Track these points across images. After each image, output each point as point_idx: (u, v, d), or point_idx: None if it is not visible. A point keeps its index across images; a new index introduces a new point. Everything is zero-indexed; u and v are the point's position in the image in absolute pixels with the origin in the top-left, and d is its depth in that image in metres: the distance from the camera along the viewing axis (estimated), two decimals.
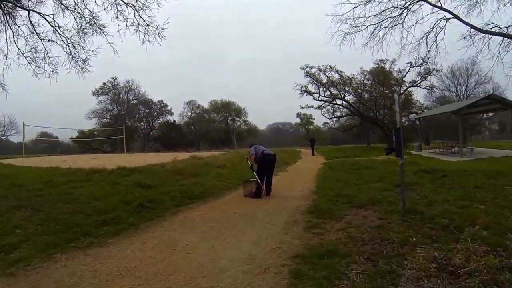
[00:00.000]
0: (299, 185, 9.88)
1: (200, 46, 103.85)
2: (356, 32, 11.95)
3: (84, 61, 9.06)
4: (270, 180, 8.37)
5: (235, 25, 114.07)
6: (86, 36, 8.82)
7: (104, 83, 49.14)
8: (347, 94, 33.14)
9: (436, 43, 10.58)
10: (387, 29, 11.56)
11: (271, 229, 5.10)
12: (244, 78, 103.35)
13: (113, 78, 49.75)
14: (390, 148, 6.01)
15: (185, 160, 14.40)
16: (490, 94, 17.02)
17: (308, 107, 35.30)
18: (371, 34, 11.39)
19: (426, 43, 10.89)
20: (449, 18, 11.53)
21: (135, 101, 52.77)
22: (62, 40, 8.84)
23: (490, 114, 37.14)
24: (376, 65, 30.98)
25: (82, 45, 8.90)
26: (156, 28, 8.51)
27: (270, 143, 42.70)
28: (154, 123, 54.80)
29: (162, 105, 54.90)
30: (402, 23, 11.49)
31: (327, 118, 36.44)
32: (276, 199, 7.77)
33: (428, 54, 10.51)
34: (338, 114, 35.53)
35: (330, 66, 32.30)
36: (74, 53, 8.99)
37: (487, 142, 36.65)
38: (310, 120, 56.10)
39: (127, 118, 51.40)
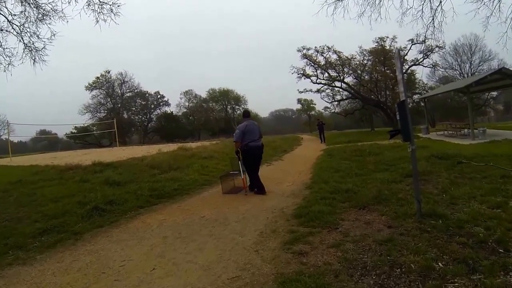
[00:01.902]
0: (292, 176, 8.47)
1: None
2: None
3: (38, 51, 7.63)
4: (254, 176, 6.68)
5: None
6: (42, 22, 7.42)
7: (97, 77, 47.78)
8: (347, 76, 31.17)
9: (441, 5, 8.77)
10: None
11: (239, 243, 3.73)
12: (241, 65, 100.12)
13: (106, 72, 48.25)
14: (395, 129, 4.48)
15: (170, 152, 13.04)
16: (501, 68, 15.12)
17: (307, 91, 33.05)
18: None
19: (430, 5, 9.01)
20: None
21: (130, 94, 50.88)
22: (14, 29, 7.44)
23: (495, 94, 35.02)
24: (376, 43, 29.15)
25: (37, 33, 7.50)
26: (111, 5, 7.14)
27: (274, 131, 41.06)
28: (151, 115, 52.90)
29: (158, 96, 52.87)
30: None
31: (327, 102, 34.47)
32: (260, 196, 6.38)
33: (433, 20, 8.69)
34: (338, 97, 33.83)
35: (327, 46, 30.33)
36: (29, 43, 7.59)
37: (493, 123, 34.59)
38: (311, 105, 54.42)
39: (123, 111, 50.02)
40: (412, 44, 27.91)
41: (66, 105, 70.31)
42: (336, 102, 34.90)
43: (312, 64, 30.67)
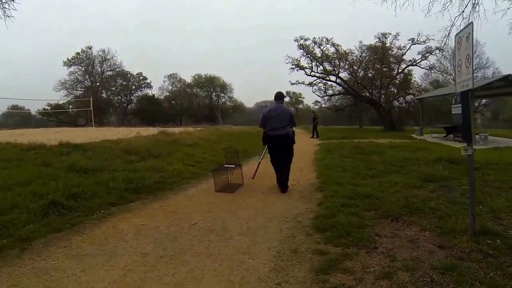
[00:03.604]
0: (294, 173, 7.40)
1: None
2: None
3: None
4: (281, 173, 5.71)
5: None
6: None
7: (78, 53, 44.22)
8: (342, 71, 30.02)
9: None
10: None
11: (251, 270, 2.69)
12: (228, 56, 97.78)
13: (87, 47, 44.67)
14: (451, 126, 3.54)
15: (150, 136, 11.63)
16: (507, 75, 14.60)
17: (299, 83, 31.69)
18: None
19: None
20: None
21: (110, 73, 47.44)
22: None
23: (485, 101, 35.22)
24: (377, 39, 28.22)
25: None
26: None
27: (257, 122, 39.72)
28: (131, 97, 49.71)
29: (141, 77, 49.56)
30: None
31: (318, 96, 33.06)
32: (261, 196, 5.29)
33: (465, 8, 7.71)
34: (330, 92, 32.48)
35: (326, 38, 29.07)
36: None
37: (481, 130, 34.96)
38: (300, 99, 53.63)
39: (102, 90, 46.88)
40: (412, 44, 27.20)
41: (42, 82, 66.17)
42: (327, 97, 33.95)
43: (308, 56, 29.42)
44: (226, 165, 6.04)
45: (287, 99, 56.47)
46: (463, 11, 7.26)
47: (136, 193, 5.17)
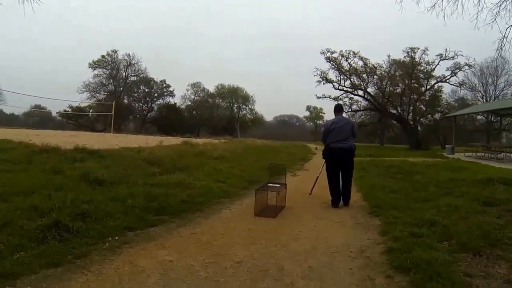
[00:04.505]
0: None
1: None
2: None
3: None
4: (345, 185, 5.58)
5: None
6: None
7: (103, 56, 45.10)
8: (370, 85, 29.13)
9: None
10: None
11: None
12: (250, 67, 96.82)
13: (113, 51, 45.22)
14: None
15: (174, 147, 10.70)
16: None
17: (325, 97, 30.59)
18: None
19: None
20: None
21: (134, 78, 47.70)
22: None
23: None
24: (406, 54, 27.32)
25: None
26: None
27: (276, 135, 39.04)
28: (153, 104, 49.66)
29: (164, 85, 49.36)
30: None
31: (343, 111, 32.23)
32: (310, 222, 4.47)
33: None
34: (355, 107, 31.35)
35: (353, 52, 28.25)
36: None
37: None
38: (321, 114, 52.81)
39: (124, 96, 46.98)
40: (441, 60, 26.46)
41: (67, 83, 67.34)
42: (352, 112, 32.76)
43: (337, 69, 28.60)
44: (271, 184, 5.19)
45: (307, 113, 55.90)
46: None
47: (159, 214, 4.20)
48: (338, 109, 5.99)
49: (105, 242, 3.23)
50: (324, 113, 51.18)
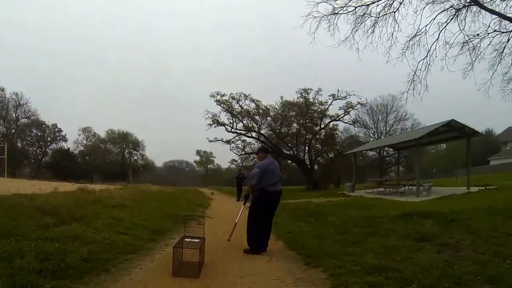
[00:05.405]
0: None
1: None
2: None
3: None
4: (268, 229, 5.58)
5: None
6: None
7: None
8: (264, 127, 29.57)
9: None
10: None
11: None
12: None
13: (0, 89, 42.19)
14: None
15: (69, 193, 9.80)
16: (450, 121, 15.26)
17: (218, 140, 30.10)
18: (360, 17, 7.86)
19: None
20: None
21: (25, 120, 46.23)
22: None
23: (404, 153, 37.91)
24: (299, 95, 28.48)
25: None
26: None
27: (166, 182, 37.63)
28: (47, 149, 49.16)
29: (56, 129, 48.68)
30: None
31: (236, 154, 31.59)
32: (239, 280, 3.88)
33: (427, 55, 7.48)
34: (248, 150, 30.91)
35: (244, 94, 28.57)
36: None
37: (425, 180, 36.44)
38: (211, 158, 53.59)
39: (18, 139, 45.61)
40: (333, 100, 28.06)
41: None
42: (245, 155, 32.89)
43: (229, 111, 28.39)
44: (188, 239, 4.61)
45: (197, 158, 55.24)
46: None
47: (56, 278, 3.30)
48: (267, 150, 6.21)
49: None
50: (215, 157, 52.70)
